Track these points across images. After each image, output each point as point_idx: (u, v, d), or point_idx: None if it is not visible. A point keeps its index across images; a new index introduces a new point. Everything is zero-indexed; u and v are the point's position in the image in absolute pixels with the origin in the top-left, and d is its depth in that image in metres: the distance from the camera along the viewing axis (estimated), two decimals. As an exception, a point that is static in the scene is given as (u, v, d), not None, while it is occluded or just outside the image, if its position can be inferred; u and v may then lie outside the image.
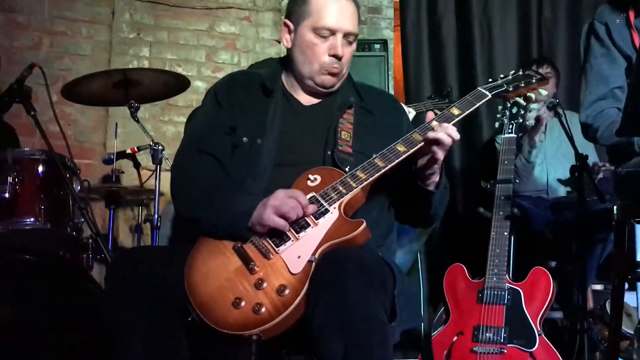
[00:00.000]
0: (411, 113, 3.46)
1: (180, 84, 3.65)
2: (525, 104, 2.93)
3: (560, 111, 3.21)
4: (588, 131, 2.63)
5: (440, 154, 1.97)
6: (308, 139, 2.14)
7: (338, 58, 2.12)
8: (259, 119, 2.15)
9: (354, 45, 2.17)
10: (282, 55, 2.55)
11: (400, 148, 2.02)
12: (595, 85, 2.61)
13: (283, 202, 1.88)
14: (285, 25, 2.20)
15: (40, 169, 3.16)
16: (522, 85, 2.26)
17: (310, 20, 2.12)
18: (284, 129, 2.14)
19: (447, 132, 1.96)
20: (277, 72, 2.25)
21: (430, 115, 2.07)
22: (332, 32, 2.11)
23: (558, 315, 3.79)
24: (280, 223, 1.87)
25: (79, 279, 2.71)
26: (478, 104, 2.16)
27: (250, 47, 4.95)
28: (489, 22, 5.08)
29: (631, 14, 2.61)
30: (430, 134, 1.96)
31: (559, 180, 4.10)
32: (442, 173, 2.08)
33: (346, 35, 2.12)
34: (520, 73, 2.29)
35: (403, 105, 3.45)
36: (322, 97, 2.22)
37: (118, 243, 4.40)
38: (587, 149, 3.91)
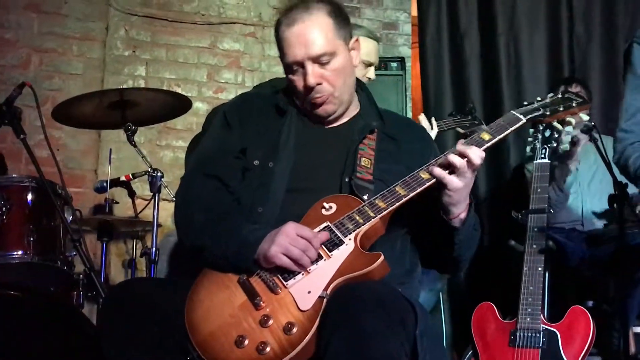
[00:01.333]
0: (434, 129, 3.46)
1: (180, 105, 3.66)
2: (560, 127, 2.93)
3: (596, 135, 3.20)
4: (619, 163, 2.64)
5: (458, 182, 1.95)
6: (325, 164, 2.16)
7: (311, 89, 2.12)
8: (272, 141, 2.17)
9: (337, 61, 2.14)
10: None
11: (424, 175, 2.02)
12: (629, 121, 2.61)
13: (293, 241, 1.88)
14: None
15: (30, 197, 3.16)
16: (561, 109, 2.24)
17: (282, 59, 2.17)
18: (299, 153, 2.16)
19: (464, 155, 1.94)
20: (290, 93, 2.27)
21: (460, 143, 2.04)
22: (300, 64, 2.12)
23: (596, 360, 3.76)
24: (287, 262, 1.88)
25: (70, 317, 2.69)
26: (511, 129, 2.13)
27: (255, 65, 4.98)
28: (515, 39, 5.11)
29: None
30: (450, 157, 1.94)
31: (597, 212, 4.08)
32: (471, 210, 2.05)
33: (315, 59, 2.11)
34: (560, 96, 2.28)
35: (425, 119, 3.46)
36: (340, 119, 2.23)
37: (110, 280, 4.39)
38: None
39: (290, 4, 2.22)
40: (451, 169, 1.95)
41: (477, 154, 1.95)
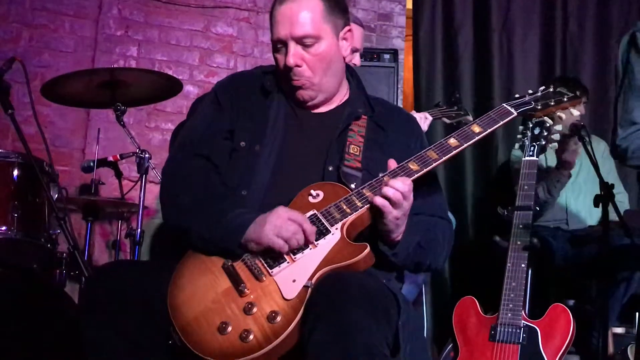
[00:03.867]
0: (428, 119, 3.46)
1: (171, 87, 3.65)
2: (550, 124, 2.94)
3: (585, 135, 3.21)
4: (618, 152, 2.63)
5: (390, 215, 1.93)
6: (310, 150, 2.14)
7: (289, 68, 2.10)
8: (259, 123, 2.15)
9: (320, 46, 2.11)
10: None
11: (413, 166, 2.02)
12: (634, 104, 2.60)
13: (285, 223, 1.87)
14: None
15: (15, 172, 3.15)
16: (552, 103, 2.26)
17: (270, 35, 2.15)
18: (286, 137, 2.14)
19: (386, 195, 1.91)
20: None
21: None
22: (283, 43, 2.11)
23: (575, 359, 3.78)
24: (279, 243, 1.87)
25: (52, 295, 2.69)
26: (502, 122, 2.15)
27: (248, 50, 4.96)
28: (509, 35, 5.13)
29: None
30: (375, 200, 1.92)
31: (581, 211, 4.10)
32: (408, 234, 2.02)
33: (299, 40, 2.09)
34: (551, 90, 2.30)
35: (417, 113, 3.46)
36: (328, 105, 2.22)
37: (93, 260, 4.38)
38: (610, 175, 3.92)
39: None
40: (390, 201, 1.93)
41: (403, 188, 1.92)
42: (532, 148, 3.17)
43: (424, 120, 3.44)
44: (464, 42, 5.09)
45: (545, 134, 3.12)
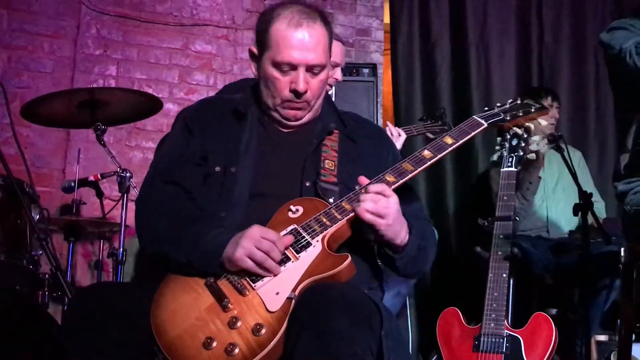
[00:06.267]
0: (401, 136, 3.49)
1: (150, 105, 3.64)
2: (526, 136, 2.99)
3: (563, 145, 3.26)
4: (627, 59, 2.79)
5: (385, 222, 1.96)
6: (285, 168, 2.16)
7: (299, 95, 2.12)
8: (233, 146, 2.16)
9: (324, 74, 2.16)
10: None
11: (390, 178, 2.05)
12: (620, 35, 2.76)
13: (257, 243, 1.88)
14: (251, 52, 2.22)
15: (-4, 195, 3.13)
16: (521, 114, 2.33)
17: (271, 52, 2.12)
18: (260, 157, 2.16)
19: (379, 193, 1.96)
20: (251, 96, 2.27)
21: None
22: (293, 67, 2.11)
23: (559, 367, 3.81)
24: (251, 265, 1.88)
25: (35, 316, 2.67)
26: (473, 133, 2.22)
27: (227, 68, 4.98)
28: (486, 48, 5.19)
29: None
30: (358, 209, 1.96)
31: (561, 219, 4.14)
32: (412, 232, 2.05)
33: (309, 68, 2.12)
34: (519, 102, 2.37)
35: (393, 128, 3.49)
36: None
37: (76, 280, 4.36)
38: (587, 184, 3.97)
39: (283, 2, 2.19)
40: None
41: (382, 189, 1.97)
42: (510, 159, 3.21)
43: (397, 137, 3.46)
44: (441, 55, 5.14)
45: (523, 145, 3.16)
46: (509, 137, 3.19)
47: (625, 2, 5.07)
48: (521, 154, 3.17)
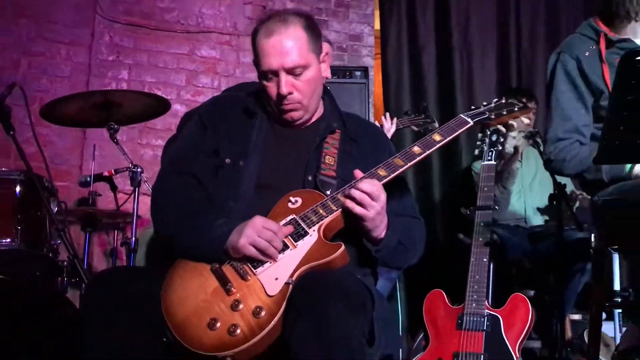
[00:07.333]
0: (392, 128, 3.51)
1: (160, 106, 3.64)
2: (505, 131, 2.99)
3: (539, 141, 3.26)
4: (552, 165, 2.66)
5: (368, 213, 1.95)
6: (290, 163, 2.16)
7: (284, 97, 2.12)
8: (242, 141, 2.17)
9: (309, 72, 2.14)
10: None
11: (382, 172, 2.05)
12: (560, 122, 2.63)
13: (260, 233, 1.89)
14: (254, 64, 2.23)
15: (18, 189, 3.12)
16: (505, 113, 2.31)
17: (258, 66, 2.15)
18: (267, 152, 2.16)
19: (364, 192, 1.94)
20: (260, 97, 2.26)
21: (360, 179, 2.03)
22: (274, 73, 2.11)
23: (537, 344, 3.81)
24: (254, 252, 1.89)
25: (55, 301, 2.68)
26: (460, 131, 2.21)
27: (230, 71, 4.98)
28: (469, 52, 5.19)
29: (602, 45, 2.65)
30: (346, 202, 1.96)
31: (538, 209, 4.15)
32: (390, 230, 2.04)
33: (290, 70, 2.11)
34: (503, 101, 2.36)
35: (388, 120, 3.51)
36: (305, 123, 2.24)
37: (92, 267, 4.36)
38: (564, 177, 3.98)
39: (268, 13, 2.20)
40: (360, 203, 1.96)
41: (371, 189, 1.96)
42: (490, 154, 3.21)
43: (388, 129, 3.49)
44: (427, 59, 5.14)
45: (502, 140, 3.17)
46: (489, 133, 3.19)
47: (595, 11, 5.07)
48: (500, 148, 3.18)
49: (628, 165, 2.47)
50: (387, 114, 3.73)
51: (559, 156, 2.60)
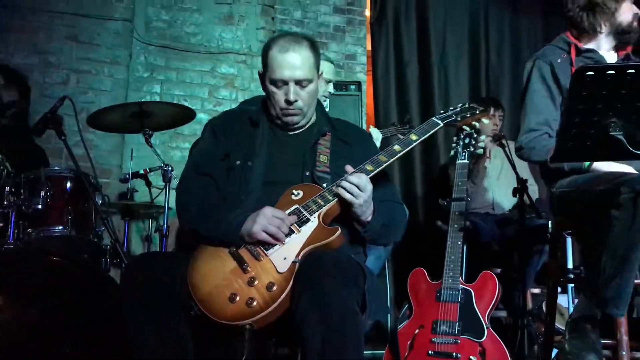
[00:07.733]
0: (380, 137, 3.52)
1: (187, 115, 3.63)
2: (476, 135, 2.99)
3: (505, 142, 3.26)
4: (522, 152, 2.64)
5: (356, 200, 1.97)
6: (290, 161, 2.17)
7: (291, 103, 2.13)
8: (249, 145, 2.18)
9: (312, 86, 2.16)
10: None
11: (369, 167, 2.06)
12: (533, 116, 2.62)
13: (270, 220, 1.90)
14: (259, 73, 2.24)
15: (69, 185, 3.15)
16: (468, 115, 2.34)
17: (268, 72, 2.14)
18: (270, 154, 2.17)
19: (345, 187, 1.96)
20: (263, 109, 2.28)
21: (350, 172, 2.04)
22: (285, 82, 2.12)
23: (503, 314, 3.82)
24: (265, 237, 1.90)
25: (99, 279, 2.68)
26: (432, 131, 2.25)
27: (246, 85, 4.97)
28: (445, 68, 5.19)
29: (572, 54, 2.64)
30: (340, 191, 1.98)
31: (504, 200, 4.14)
32: (375, 215, 2.05)
33: (298, 82, 2.12)
34: (467, 106, 2.39)
35: (374, 129, 3.53)
36: (300, 128, 2.25)
37: (131, 250, 4.36)
38: (523, 172, 3.98)
39: (280, 34, 2.23)
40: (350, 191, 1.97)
41: (358, 181, 1.97)
42: (463, 154, 3.20)
43: (375, 138, 3.50)
44: (411, 74, 5.14)
45: (473, 142, 3.16)
46: (462, 136, 3.19)
47: (551, 32, 5.07)
48: (472, 149, 3.17)
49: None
50: (372, 127, 3.75)
51: (529, 145, 2.59)
